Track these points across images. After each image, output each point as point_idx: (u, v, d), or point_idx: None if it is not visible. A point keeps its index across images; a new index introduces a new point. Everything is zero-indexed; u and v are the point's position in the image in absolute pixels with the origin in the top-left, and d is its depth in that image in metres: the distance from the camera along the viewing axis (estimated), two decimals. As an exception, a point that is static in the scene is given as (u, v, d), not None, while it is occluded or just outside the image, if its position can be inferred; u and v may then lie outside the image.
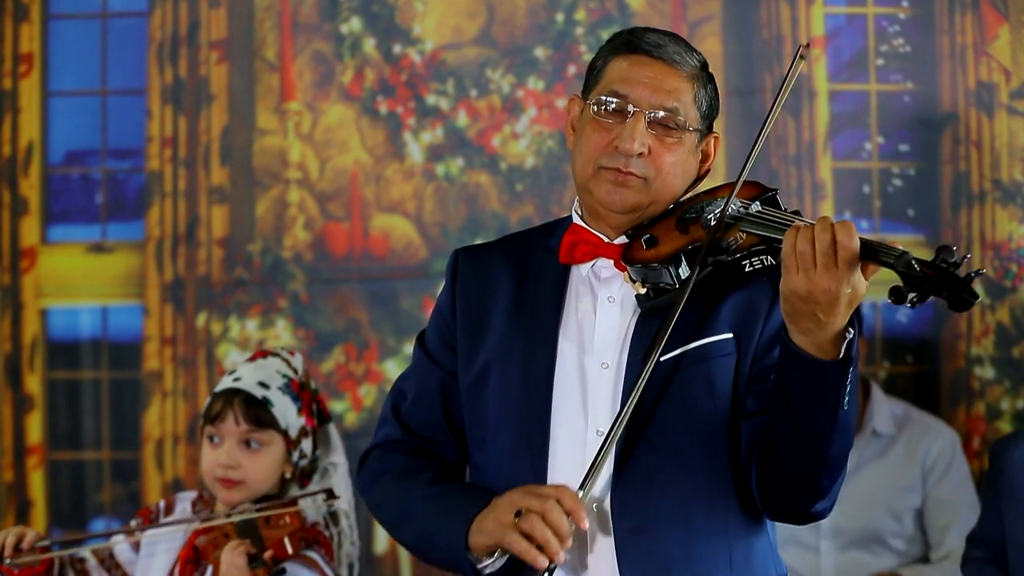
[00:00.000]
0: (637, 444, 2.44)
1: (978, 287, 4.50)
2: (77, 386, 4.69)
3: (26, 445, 4.70)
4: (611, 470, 2.45)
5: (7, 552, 3.14)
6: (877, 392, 4.26)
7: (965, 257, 2.20)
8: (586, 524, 2.36)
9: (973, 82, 4.45)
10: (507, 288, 2.58)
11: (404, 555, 4.61)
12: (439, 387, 2.62)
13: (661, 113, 2.49)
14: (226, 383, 3.25)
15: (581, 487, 2.38)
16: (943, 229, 4.45)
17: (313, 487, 3.31)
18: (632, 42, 2.53)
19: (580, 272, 2.56)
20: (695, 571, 2.45)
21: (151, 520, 3.31)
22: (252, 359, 3.32)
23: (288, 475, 3.27)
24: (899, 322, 4.44)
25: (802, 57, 2.46)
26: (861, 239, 2.25)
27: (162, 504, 3.35)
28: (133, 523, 3.33)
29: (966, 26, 4.46)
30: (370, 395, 4.60)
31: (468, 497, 2.49)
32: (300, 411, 3.28)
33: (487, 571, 2.44)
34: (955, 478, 4.20)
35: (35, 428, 4.70)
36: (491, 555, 2.43)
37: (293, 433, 3.26)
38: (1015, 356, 4.42)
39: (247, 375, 3.26)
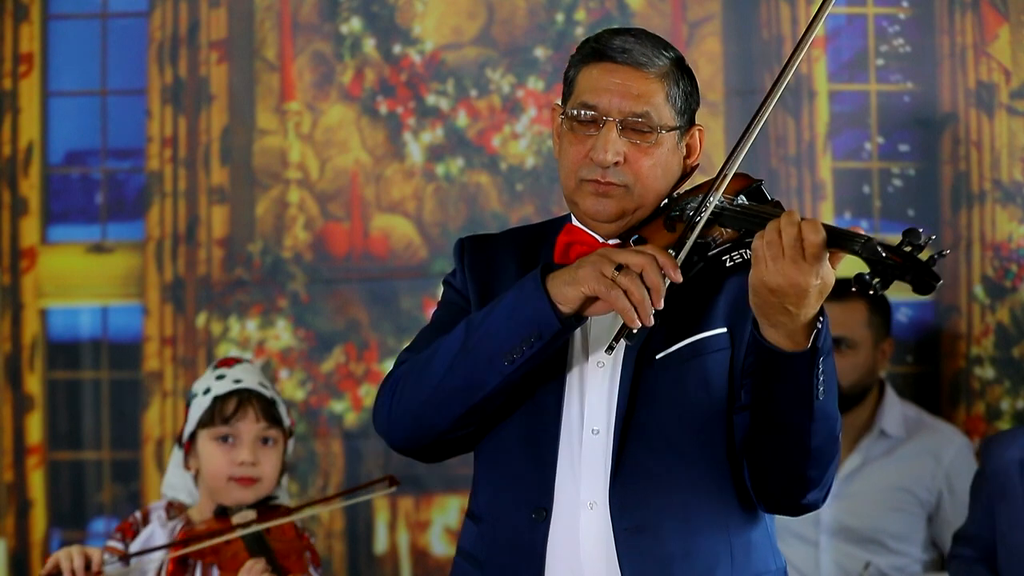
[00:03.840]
0: (633, 442, 2.45)
1: (978, 287, 4.51)
2: (77, 386, 4.70)
3: (26, 445, 4.70)
4: (608, 469, 2.45)
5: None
6: (890, 393, 4.26)
7: (931, 238, 2.21)
8: (680, 276, 2.36)
9: (973, 82, 4.45)
10: (514, 277, 2.59)
11: (404, 555, 4.61)
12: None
13: (632, 119, 2.48)
14: (227, 385, 3.25)
15: (676, 250, 2.38)
16: (943, 229, 4.45)
17: (283, 484, 3.34)
18: (598, 50, 2.53)
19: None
20: (696, 567, 2.45)
21: (134, 533, 3.29)
22: (228, 365, 3.32)
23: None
24: (899, 322, 4.44)
25: None
26: (825, 227, 2.26)
27: (138, 515, 3.34)
28: (113, 541, 3.30)
29: (966, 26, 4.46)
30: (370, 395, 4.60)
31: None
32: (288, 410, 3.33)
33: (574, 324, 2.41)
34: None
35: (35, 428, 4.70)
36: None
37: (287, 431, 3.30)
38: (1015, 356, 4.42)
39: (245, 377, 3.28)
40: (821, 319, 2.32)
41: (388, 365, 4.57)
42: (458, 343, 2.47)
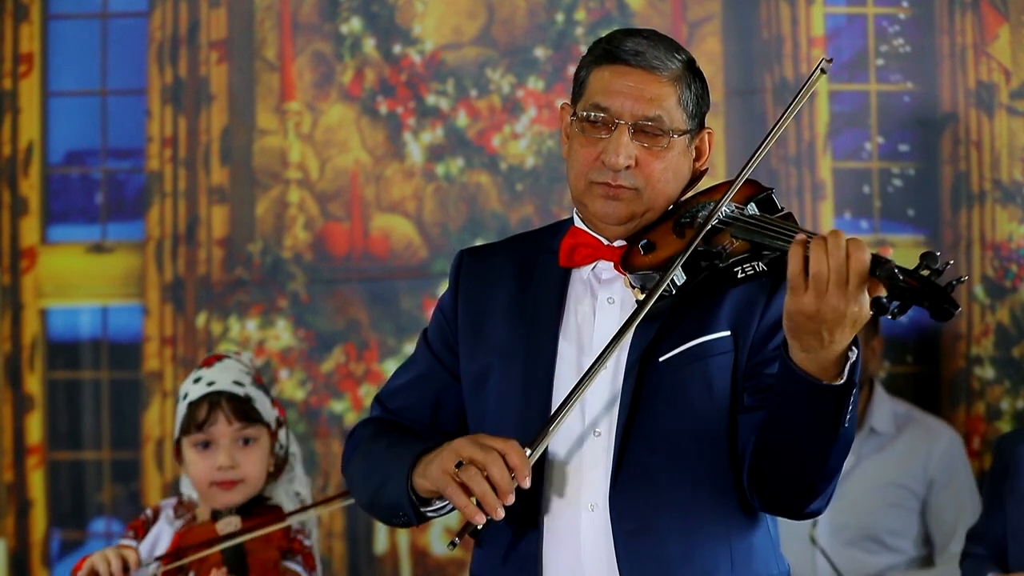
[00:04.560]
0: (635, 444, 2.44)
1: (978, 287, 4.51)
2: (77, 386, 4.69)
3: (26, 445, 4.70)
4: (609, 471, 2.45)
5: None
6: (880, 391, 4.26)
7: (948, 264, 2.18)
8: (527, 483, 2.33)
9: (973, 82, 4.45)
10: (509, 290, 2.59)
11: (404, 555, 4.61)
12: (434, 379, 2.63)
13: (644, 123, 2.48)
14: (200, 390, 3.24)
15: (530, 446, 2.36)
16: (943, 229, 4.45)
17: (284, 478, 3.33)
18: (611, 51, 2.51)
19: (581, 274, 2.56)
20: (695, 570, 2.45)
21: (145, 531, 3.30)
22: (208, 364, 3.30)
23: (271, 469, 3.28)
24: (899, 322, 4.40)
25: (823, 71, 2.42)
26: None
27: (149, 513, 3.34)
28: (126, 539, 3.30)
29: (966, 26, 4.46)
30: (370, 395, 4.60)
31: (419, 442, 2.48)
32: (272, 403, 3.30)
33: (429, 515, 2.46)
34: (960, 481, 4.21)
35: (35, 428, 4.70)
36: (437, 500, 2.43)
37: (272, 425, 3.28)
38: (1015, 356, 4.42)
39: (219, 378, 3.25)
40: (854, 349, 2.28)
41: (388, 365, 4.57)
42: (372, 484, 2.54)
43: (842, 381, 2.27)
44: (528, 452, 2.35)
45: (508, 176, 4.61)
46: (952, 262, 2.21)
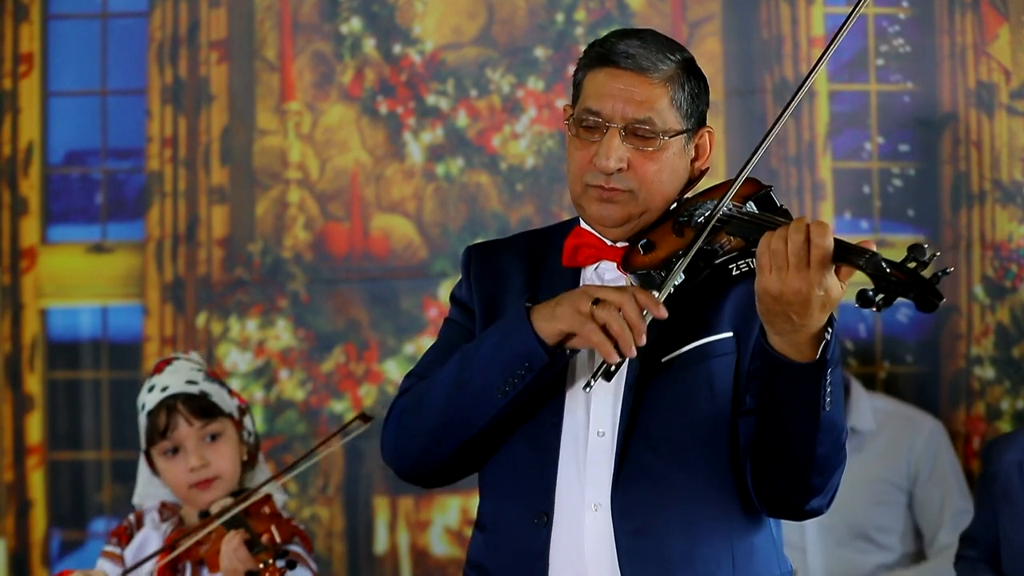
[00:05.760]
0: (637, 445, 2.44)
1: (978, 287, 4.51)
2: (77, 386, 4.70)
3: (26, 445, 4.70)
4: (612, 471, 2.45)
5: None
6: (857, 389, 4.26)
7: (935, 255, 2.19)
8: (664, 312, 2.33)
9: (973, 82, 4.46)
10: (518, 284, 2.58)
11: (404, 555, 4.61)
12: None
13: (636, 125, 2.47)
14: (156, 397, 3.23)
15: (657, 289, 2.37)
16: (943, 229, 4.45)
17: (261, 464, 3.33)
18: (603, 54, 2.51)
19: (586, 274, 2.57)
20: (697, 571, 2.45)
21: (129, 537, 3.29)
22: (159, 370, 3.29)
23: (245, 458, 3.27)
24: (899, 322, 4.44)
25: None
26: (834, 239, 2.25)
27: (132, 518, 3.33)
28: (110, 546, 3.30)
29: (966, 26, 4.47)
30: (370, 395, 4.60)
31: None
32: (230, 393, 3.29)
33: (568, 354, 2.41)
34: (945, 470, 4.22)
35: (35, 428, 4.70)
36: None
37: (236, 415, 3.28)
38: (1015, 356, 4.42)
39: (171, 381, 3.24)
40: (829, 330, 2.30)
41: (388, 365, 4.58)
42: (451, 378, 2.47)
43: (814, 359, 2.29)
44: (656, 294, 2.36)
45: (508, 176, 4.61)
46: (939, 254, 2.22)
